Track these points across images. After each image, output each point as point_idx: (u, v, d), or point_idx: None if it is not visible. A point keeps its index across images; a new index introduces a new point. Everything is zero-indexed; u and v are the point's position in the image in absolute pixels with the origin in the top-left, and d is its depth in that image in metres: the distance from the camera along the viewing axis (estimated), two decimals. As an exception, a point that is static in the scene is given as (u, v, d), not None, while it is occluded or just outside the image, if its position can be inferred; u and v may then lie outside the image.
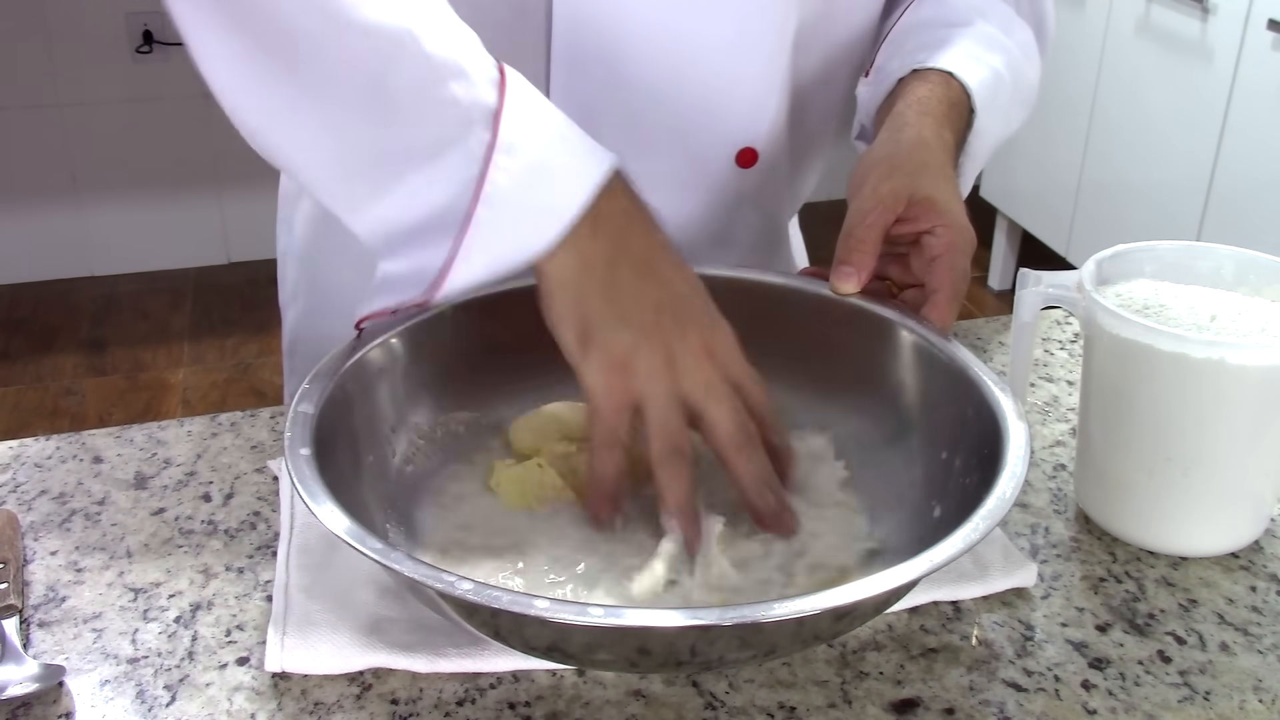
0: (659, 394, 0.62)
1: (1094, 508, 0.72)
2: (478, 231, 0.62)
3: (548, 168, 0.63)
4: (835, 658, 0.61)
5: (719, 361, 0.64)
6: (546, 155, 0.63)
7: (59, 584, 0.66)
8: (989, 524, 0.54)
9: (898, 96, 0.78)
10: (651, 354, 0.62)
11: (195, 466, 0.76)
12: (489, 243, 0.62)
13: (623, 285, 0.63)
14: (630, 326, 0.63)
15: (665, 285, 0.64)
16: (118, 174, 2.94)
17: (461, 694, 0.59)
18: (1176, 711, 0.59)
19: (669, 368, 0.62)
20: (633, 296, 0.63)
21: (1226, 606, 0.66)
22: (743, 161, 0.84)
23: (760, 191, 0.87)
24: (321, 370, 0.65)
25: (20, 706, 0.58)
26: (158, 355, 2.72)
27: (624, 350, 0.62)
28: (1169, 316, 0.69)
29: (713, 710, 0.58)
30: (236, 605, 0.64)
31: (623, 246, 0.64)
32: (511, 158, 0.62)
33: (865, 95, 0.84)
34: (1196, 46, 2.22)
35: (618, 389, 0.62)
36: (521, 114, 0.63)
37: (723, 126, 0.83)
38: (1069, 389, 0.86)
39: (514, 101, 0.63)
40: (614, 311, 0.63)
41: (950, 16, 0.83)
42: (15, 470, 0.76)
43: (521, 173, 0.62)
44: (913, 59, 0.79)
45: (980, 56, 0.80)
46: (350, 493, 0.59)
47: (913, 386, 0.71)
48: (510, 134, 0.62)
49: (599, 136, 0.73)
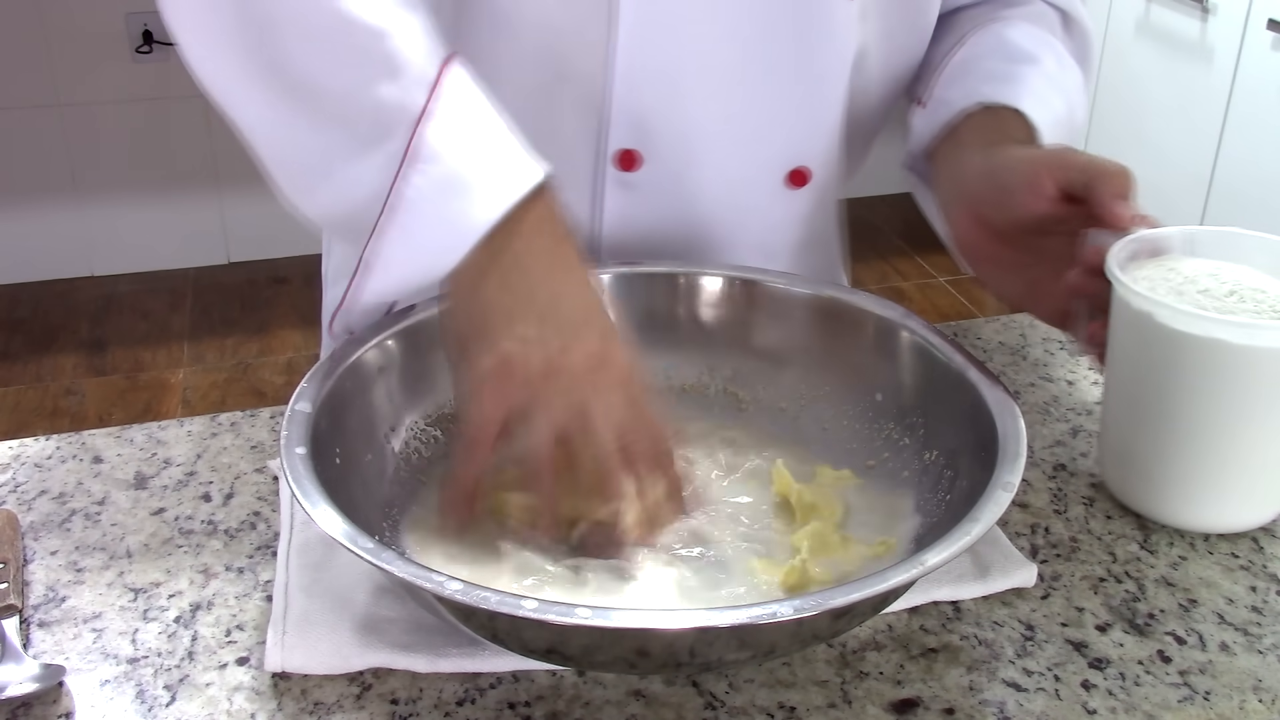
0: (532, 404, 0.60)
1: (1115, 482, 0.73)
2: (384, 239, 0.61)
3: (464, 180, 0.61)
4: (835, 658, 0.61)
5: (605, 375, 0.61)
6: (465, 166, 0.61)
7: (59, 584, 0.66)
8: (987, 524, 0.55)
9: (965, 129, 0.78)
10: (528, 362, 0.60)
11: (195, 466, 0.76)
12: (397, 252, 0.62)
13: (514, 292, 0.61)
14: (514, 333, 0.60)
15: (560, 292, 0.62)
16: (118, 174, 2.93)
17: (461, 694, 0.59)
18: (1176, 711, 0.59)
19: (547, 378, 0.60)
20: (522, 304, 0.61)
21: (1226, 606, 0.66)
22: (794, 181, 0.84)
23: (809, 211, 0.87)
24: (320, 369, 0.65)
25: (20, 706, 0.58)
26: (158, 355, 2.72)
27: (503, 356, 0.60)
28: (1191, 294, 0.68)
29: (713, 710, 0.58)
30: (236, 605, 0.64)
31: (524, 254, 0.62)
32: (428, 166, 0.61)
33: (921, 125, 0.83)
34: (1196, 46, 2.22)
35: (492, 394, 0.60)
36: (448, 121, 0.61)
37: (777, 148, 0.83)
38: (1069, 389, 0.86)
39: (443, 107, 0.61)
40: (499, 318, 0.61)
41: (1012, 52, 0.82)
42: (15, 470, 0.75)
43: (436, 183, 0.61)
44: (978, 92, 0.79)
45: (1046, 97, 0.80)
46: (348, 493, 0.60)
47: (912, 387, 0.71)
48: (431, 142, 0.61)
49: (655, 153, 0.73)
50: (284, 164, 0.66)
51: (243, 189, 3.01)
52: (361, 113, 0.62)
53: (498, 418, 0.61)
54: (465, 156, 0.61)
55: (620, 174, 0.81)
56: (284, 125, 0.64)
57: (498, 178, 0.62)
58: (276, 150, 0.66)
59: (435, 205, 0.61)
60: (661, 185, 0.78)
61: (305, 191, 0.66)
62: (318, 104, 0.63)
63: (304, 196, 0.66)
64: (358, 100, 0.62)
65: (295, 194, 0.66)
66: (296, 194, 0.66)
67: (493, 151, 0.63)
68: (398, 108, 0.61)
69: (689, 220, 0.83)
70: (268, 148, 0.66)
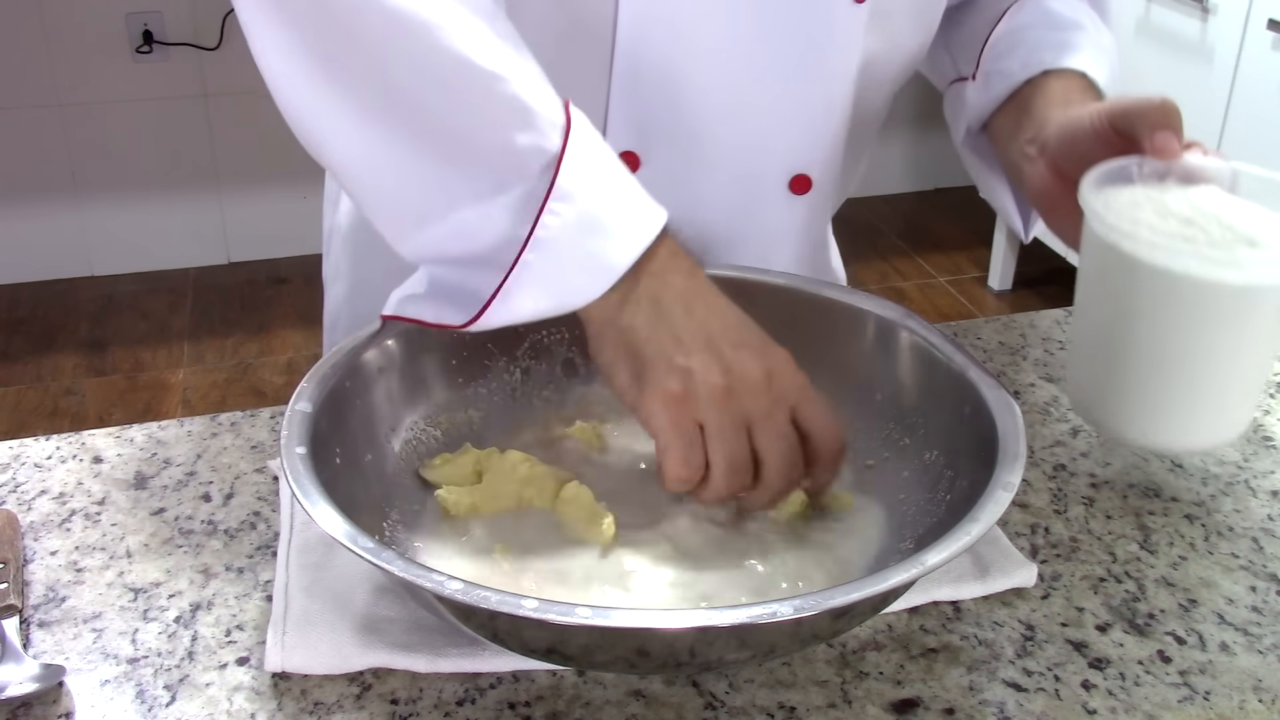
0: (721, 421, 0.62)
1: (1081, 402, 0.72)
2: (524, 274, 0.62)
3: (601, 220, 0.62)
4: (835, 658, 0.61)
5: (776, 386, 0.63)
6: (601, 206, 0.63)
7: (59, 584, 0.66)
8: (987, 524, 0.55)
9: (1030, 94, 0.79)
10: (709, 381, 0.62)
11: (195, 466, 0.76)
12: (533, 287, 0.62)
13: (671, 319, 0.63)
14: (683, 357, 0.62)
15: (712, 315, 0.64)
16: (118, 174, 2.93)
17: (461, 694, 0.59)
18: (1176, 711, 0.59)
19: (729, 395, 0.62)
20: (683, 328, 0.63)
21: (1226, 606, 0.66)
22: (796, 188, 0.84)
23: (809, 217, 0.87)
24: (319, 369, 0.65)
25: (20, 706, 0.58)
26: (158, 355, 2.72)
27: (681, 381, 0.62)
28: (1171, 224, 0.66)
29: (713, 710, 0.58)
30: (236, 605, 0.64)
31: (665, 286, 0.64)
32: (566, 205, 0.62)
33: (977, 98, 0.84)
34: (1196, 46, 2.22)
35: (683, 421, 0.62)
36: (581, 162, 0.62)
37: (779, 154, 0.83)
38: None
39: (576, 149, 0.62)
40: (666, 345, 0.62)
41: (1058, 20, 0.84)
42: (15, 470, 0.75)
43: (575, 221, 0.62)
44: (1038, 60, 0.80)
45: (1099, 58, 0.82)
46: (348, 492, 0.60)
47: (912, 386, 0.71)
48: (568, 182, 0.62)
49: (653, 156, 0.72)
50: (390, 202, 0.65)
51: (243, 189, 3.01)
52: (491, 155, 0.62)
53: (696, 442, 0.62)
54: (603, 198, 0.63)
55: None
56: (394, 163, 0.63)
57: (631, 219, 0.63)
58: (380, 187, 0.65)
59: (574, 245, 0.62)
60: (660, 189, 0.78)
61: (412, 229, 0.65)
62: (438, 145, 0.63)
63: (409, 234, 0.65)
64: (487, 143, 0.62)
65: (399, 231, 0.65)
66: (400, 231, 0.65)
67: (622, 194, 0.64)
68: (535, 152, 0.62)
69: (687, 225, 0.83)
70: (369, 184, 0.65)
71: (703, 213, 0.81)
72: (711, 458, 0.62)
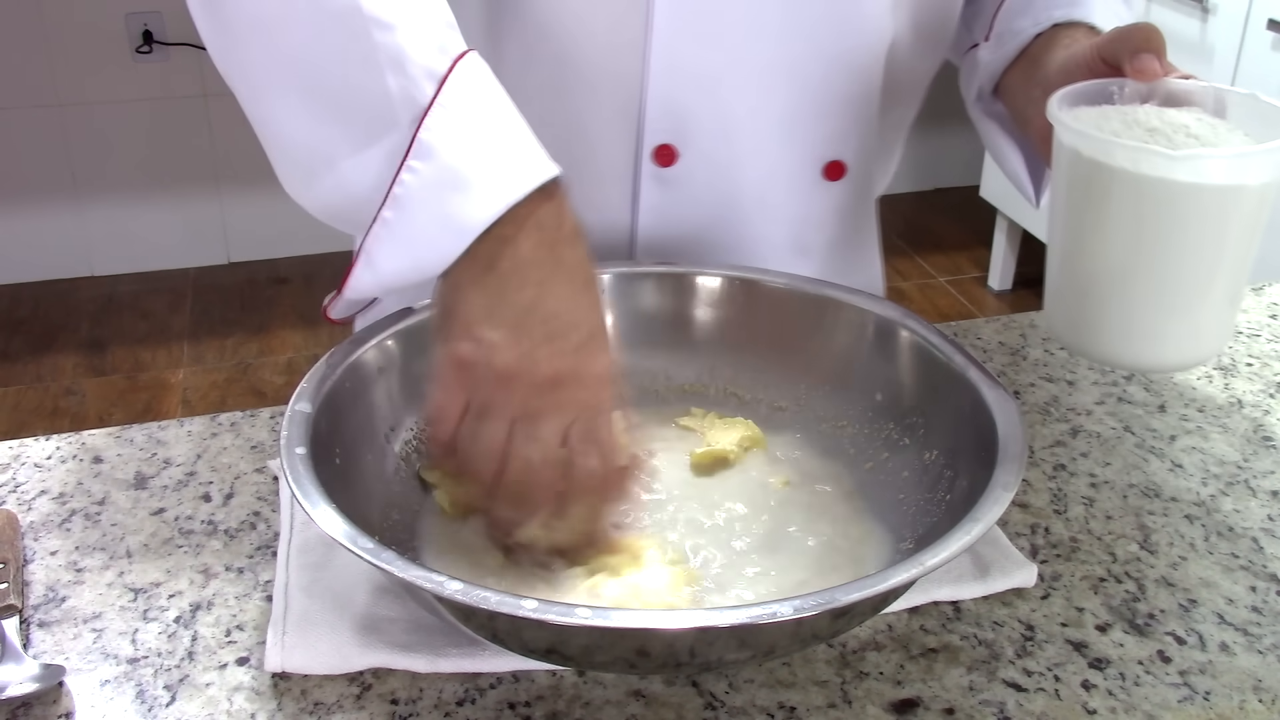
0: (487, 404, 0.60)
1: (1059, 326, 0.70)
2: (383, 232, 0.61)
3: (465, 176, 0.60)
4: (835, 658, 0.61)
5: (562, 393, 0.60)
6: (467, 162, 0.60)
7: (59, 584, 0.66)
8: (987, 524, 0.55)
9: (1039, 48, 0.79)
10: (495, 361, 0.59)
11: (195, 466, 0.76)
12: (393, 245, 0.61)
13: (496, 287, 0.60)
14: (487, 329, 0.59)
15: (544, 297, 0.60)
16: (118, 174, 2.93)
17: (461, 694, 0.59)
18: (1176, 711, 0.59)
19: (506, 382, 0.59)
20: (502, 300, 0.60)
21: (1226, 606, 0.66)
22: (830, 174, 0.84)
23: (845, 203, 0.87)
24: (319, 369, 0.65)
25: (20, 706, 0.58)
26: (158, 355, 2.72)
27: (473, 351, 0.60)
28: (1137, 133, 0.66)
29: (713, 710, 0.58)
30: (236, 605, 0.64)
31: (508, 252, 0.60)
32: (426, 161, 0.60)
33: (989, 57, 0.83)
34: (1196, 46, 2.22)
35: (447, 388, 0.60)
36: (451, 115, 0.60)
37: (813, 139, 0.83)
38: (1069, 389, 0.86)
39: (448, 100, 0.60)
40: (476, 311, 0.60)
41: None
42: (15, 470, 0.75)
43: (433, 177, 0.60)
44: (1048, 16, 0.80)
45: (1111, 7, 0.81)
46: (348, 493, 0.59)
47: (912, 387, 0.71)
48: (431, 135, 0.60)
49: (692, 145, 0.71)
50: (286, 154, 0.65)
51: (243, 189, 3.01)
52: (366, 105, 0.61)
53: (454, 412, 0.60)
54: (468, 153, 0.60)
55: (657, 169, 0.81)
56: (290, 116, 0.63)
57: (499, 176, 0.60)
58: (280, 140, 0.65)
59: (432, 202, 0.60)
60: (698, 179, 0.78)
61: (305, 183, 0.65)
62: (323, 96, 0.62)
63: (304, 188, 0.65)
64: (363, 92, 0.61)
65: (295, 185, 0.65)
66: (296, 185, 0.65)
67: (499, 149, 0.61)
68: (406, 101, 0.60)
69: (725, 214, 0.84)
70: (272, 138, 0.65)
71: (740, 200, 0.81)
72: (459, 437, 0.60)
